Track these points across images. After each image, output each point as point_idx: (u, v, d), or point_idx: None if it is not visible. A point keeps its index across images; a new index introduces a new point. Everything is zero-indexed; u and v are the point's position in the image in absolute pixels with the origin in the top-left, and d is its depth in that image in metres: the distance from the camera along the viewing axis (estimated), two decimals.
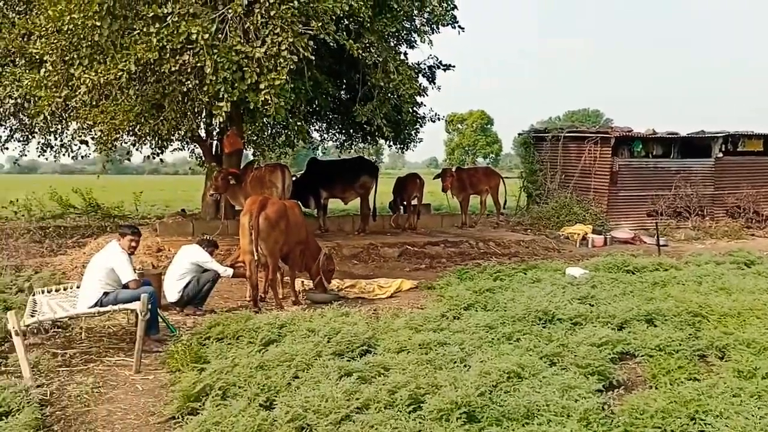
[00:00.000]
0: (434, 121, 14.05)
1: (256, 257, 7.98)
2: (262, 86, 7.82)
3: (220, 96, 7.87)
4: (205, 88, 7.94)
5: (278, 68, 7.73)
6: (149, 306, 6.12)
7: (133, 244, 6.86)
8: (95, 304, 6.45)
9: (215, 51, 7.63)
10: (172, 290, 8.04)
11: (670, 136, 17.75)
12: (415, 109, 13.22)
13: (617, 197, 17.38)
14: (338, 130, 16.78)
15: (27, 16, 10.29)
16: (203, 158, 13.23)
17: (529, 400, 4.64)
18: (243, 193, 12.51)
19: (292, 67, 7.78)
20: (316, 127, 17.03)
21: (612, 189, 17.28)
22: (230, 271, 8.29)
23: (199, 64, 7.68)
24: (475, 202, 17.54)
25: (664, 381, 5.36)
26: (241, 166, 13.57)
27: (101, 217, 16.78)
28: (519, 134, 20.22)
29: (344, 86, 13.31)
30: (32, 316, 6.13)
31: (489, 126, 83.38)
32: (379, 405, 4.59)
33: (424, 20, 10.64)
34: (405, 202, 15.25)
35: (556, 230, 16.08)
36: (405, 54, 11.95)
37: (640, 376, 5.82)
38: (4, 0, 11.63)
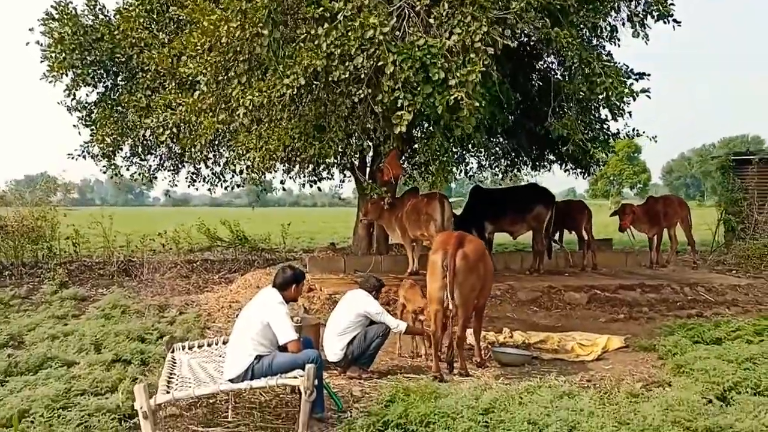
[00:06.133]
0: (631, 138, 11.69)
1: (445, 306, 6.15)
2: (451, 83, 6.14)
3: (398, 104, 6.26)
4: (379, 97, 6.37)
5: (470, 63, 6.02)
6: (315, 381, 4.54)
7: (297, 291, 5.42)
8: (246, 370, 4.97)
9: (395, 49, 6.05)
10: (333, 347, 6.46)
11: None
12: (607, 124, 11.10)
13: None
14: (501, 155, 14.89)
15: (179, 36, 9.57)
16: (362, 182, 11.68)
17: None
18: (399, 224, 11.21)
19: (486, 61, 6.06)
20: (474, 153, 15.24)
21: None
22: (403, 326, 6.61)
23: (380, 63, 6.14)
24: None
25: None
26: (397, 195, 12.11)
27: (249, 250, 15.95)
28: (713, 157, 17.52)
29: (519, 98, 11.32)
30: (168, 384, 4.82)
31: (636, 155, 78.80)
32: None
33: (631, 13, 8.52)
34: (578, 236, 13.14)
35: None
36: (609, 53, 9.80)
37: None
38: (154, 20, 11.01)
